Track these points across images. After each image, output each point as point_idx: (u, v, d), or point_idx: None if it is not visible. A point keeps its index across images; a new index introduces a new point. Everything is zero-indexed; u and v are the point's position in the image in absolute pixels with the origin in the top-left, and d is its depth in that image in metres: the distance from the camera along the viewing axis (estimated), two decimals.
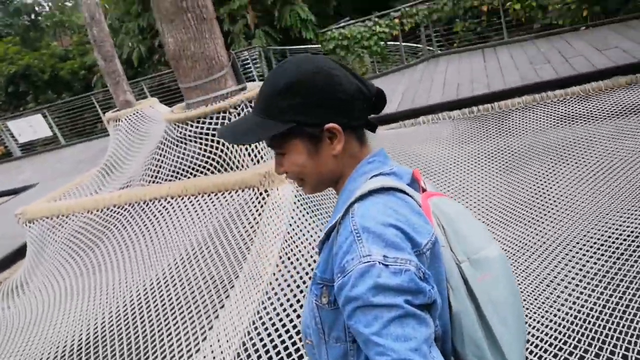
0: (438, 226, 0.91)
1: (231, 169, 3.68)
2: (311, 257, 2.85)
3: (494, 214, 4.11)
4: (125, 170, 4.80)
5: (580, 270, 3.11)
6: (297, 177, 0.99)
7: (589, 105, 5.40)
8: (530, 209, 4.02)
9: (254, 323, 2.23)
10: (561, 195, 4.03)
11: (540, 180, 4.33)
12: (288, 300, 2.33)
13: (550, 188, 4.21)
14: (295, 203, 3.50)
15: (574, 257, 3.31)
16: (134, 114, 5.41)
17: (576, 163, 4.38)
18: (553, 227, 3.69)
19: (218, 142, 3.60)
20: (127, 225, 3.47)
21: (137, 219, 3.45)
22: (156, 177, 3.81)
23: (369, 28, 9.08)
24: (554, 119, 5.39)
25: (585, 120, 5.15)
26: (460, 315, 0.87)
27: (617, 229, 3.35)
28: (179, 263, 2.98)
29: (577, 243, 3.38)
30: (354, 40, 8.97)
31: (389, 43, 9.83)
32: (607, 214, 3.56)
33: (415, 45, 10.41)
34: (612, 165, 4.18)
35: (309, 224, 3.39)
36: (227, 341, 2.28)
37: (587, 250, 3.25)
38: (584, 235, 3.42)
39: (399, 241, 0.82)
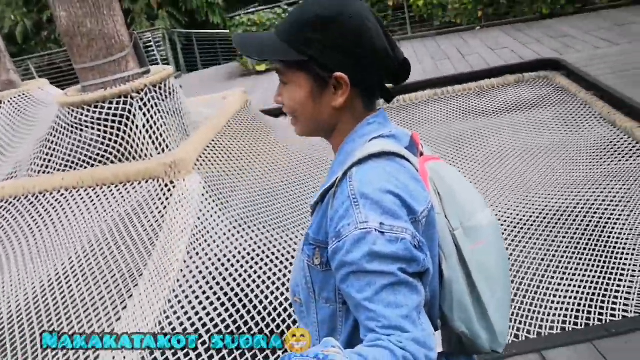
0: (434, 192, 0.91)
1: (133, 158, 3.45)
2: (221, 251, 2.76)
3: None
4: (9, 159, 4.32)
5: None
6: (292, 113, 0.95)
7: (484, 100, 5.80)
8: None
9: (160, 324, 2.11)
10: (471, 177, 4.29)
11: (461, 165, 4.57)
12: (197, 297, 2.23)
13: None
14: (203, 195, 3.36)
15: None
16: (19, 95, 4.88)
17: (475, 152, 4.69)
18: None
19: (119, 129, 3.35)
20: (13, 221, 3.12)
21: (24, 214, 3.11)
22: (47, 166, 3.47)
23: (278, 15, 8.99)
24: (454, 112, 5.72)
25: (481, 114, 5.52)
26: (451, 282, 0.89)
27: (513, 213, 3.64)
28: (75, 261, 2.74)
29: None
30: (263, 27, 8.83)
31: None
32: (504, 199, 3.85)
33: None
34: (504, 154, 4.51)
35: (219, 217, 3.28)
36: None
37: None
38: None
39: (396, 209, 0.81)
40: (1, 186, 3.38)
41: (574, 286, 2.76)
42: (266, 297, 2.49)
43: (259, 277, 2.62)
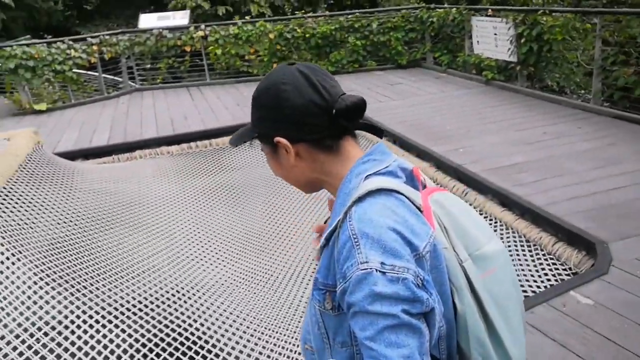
0: (439, 226, 0.90)
1: None
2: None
3: (230, 245, 4.16)
4: None
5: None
6: (283, 179, 1.03)
7: None
8: (261, 237, 4.25)
9: None
10: (285, 224, 4.41)
11: (265, 211, 4.65)
12: None
13: (275, 218, 4.56)
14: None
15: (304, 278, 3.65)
16: None
17: (296, 190, 4.89)
18: (283, 252, 4.00)
19: None
20: None
21: None
22: None
23: (62, 51, 8.03)
24: (257, 156, 5.91)
25: None
26: (465, 316, 0.88)
27: None
28: None
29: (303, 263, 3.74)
30: (43, 62, 7.76)
31: (86, 72, 8.97)
32: None
33: (114, 77, 9.78)
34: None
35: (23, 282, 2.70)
36: None
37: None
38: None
39: (397, 247, 0.81)
40: None
41: None
42: None
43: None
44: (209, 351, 2.93)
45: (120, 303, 3.18)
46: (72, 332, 2.69)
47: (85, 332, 2.73)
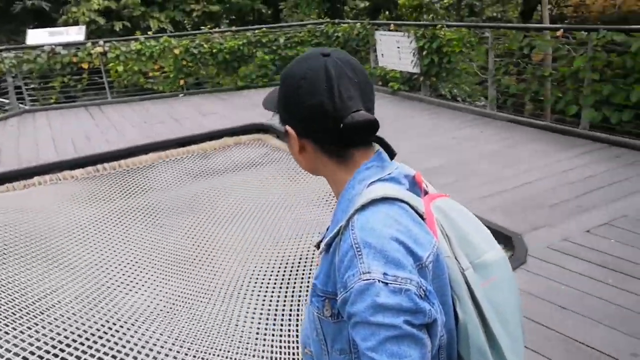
0: (442, 234, 0.89)
1: None
2: None
3: (153, 268, 3.91)
4: None
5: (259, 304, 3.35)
6: None
7: (211, 162, 5.97)
8: (194, 257, 4.04)
9: None
10: (209, 241, 4.24)
11: (195, 229, 4.43)
12: None
13: (204, 235, 4.36)
14: None
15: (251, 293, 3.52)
16: None
17: (218, 209, 4.73)
18: (213, 269, 3.83)
19: None
20: None
21: None
22: None
23: None
24: (183, 175, 5.67)
25: (211, 175, 5.64)
26: (466, 325, 0.88)
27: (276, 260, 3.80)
28: None
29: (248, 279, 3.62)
30: None
31: None
32: (253, 251, 3.98)
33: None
34: (242, 209, 4.71)
35: None
36: None
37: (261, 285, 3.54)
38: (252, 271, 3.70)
39: (400, 257, 0.80)
40: None
41: None
42: None
43: None
44: None
45: (29, 342, 2.86)
46: None
47: None
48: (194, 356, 2.91)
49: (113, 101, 8.83)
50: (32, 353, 2.83)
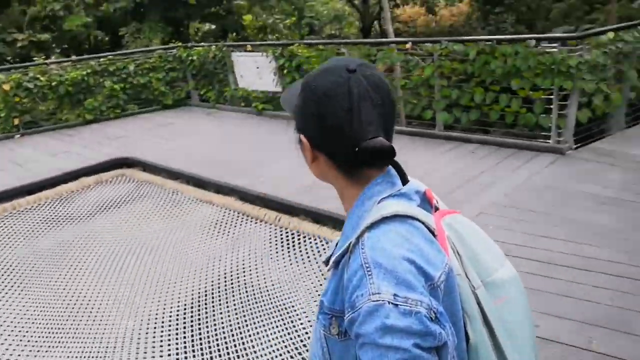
0: (453, 252, 0.88)
1: None
2: None
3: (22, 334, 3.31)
4: None
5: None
6: None
7: (72, 206, 5.29)
8: (72, 320, 3.50)
9: None
10: (87, 300, 3.74)
11: (65, 289, 3.86)
12: None
13: (77, 295, 3.82)
14: None
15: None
16: None
17: (89, 260, 4.19)
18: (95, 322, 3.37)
19: None
20: None
21: None
22: None
23: None
24: (41, 224, 4.93)
25: (75, 221, 5.00)
26: (477, 346, 0.86)
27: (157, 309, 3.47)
28: None
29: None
30: None
31: None
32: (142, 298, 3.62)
33: None
34: (118, 255, 4.25)
35: None
36: None
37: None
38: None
39: (411, 278, 0.78)
40: None
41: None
42: None
43: None
44: None
45: None
46: None
47: None
48: None
49: None
50: None
